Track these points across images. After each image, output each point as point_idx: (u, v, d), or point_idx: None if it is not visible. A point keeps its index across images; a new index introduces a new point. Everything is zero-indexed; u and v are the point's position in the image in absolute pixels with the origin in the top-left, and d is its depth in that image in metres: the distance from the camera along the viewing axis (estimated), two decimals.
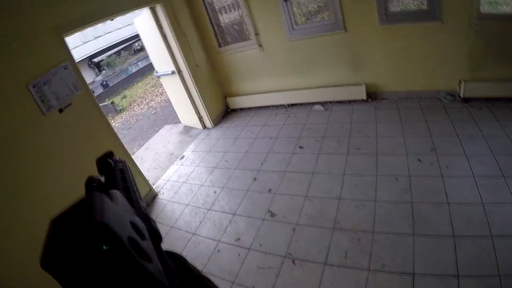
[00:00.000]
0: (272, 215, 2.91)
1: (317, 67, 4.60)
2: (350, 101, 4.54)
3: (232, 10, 4.95)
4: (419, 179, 2.82)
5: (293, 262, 2.47)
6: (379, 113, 4.06)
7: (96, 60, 22.77)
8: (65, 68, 3.11)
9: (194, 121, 5.57)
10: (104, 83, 20.52)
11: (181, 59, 4.84)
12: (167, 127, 6.71)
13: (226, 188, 3.61)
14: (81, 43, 20.51)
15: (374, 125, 3.82)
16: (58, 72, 3.03)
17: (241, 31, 5.00)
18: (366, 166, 3.15)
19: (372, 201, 2.72)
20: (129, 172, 0.64)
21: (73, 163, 3.12)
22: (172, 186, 4.17)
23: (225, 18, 5.13)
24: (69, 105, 3.12)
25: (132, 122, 10.08)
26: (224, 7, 4.99)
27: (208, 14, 5.07)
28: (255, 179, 3.56)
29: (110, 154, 0.68)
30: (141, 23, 5.09)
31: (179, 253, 0.58)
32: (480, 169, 2.73)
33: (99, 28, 21.05)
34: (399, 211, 2.56)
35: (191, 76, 4.93)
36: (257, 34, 4.76)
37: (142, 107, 11.44)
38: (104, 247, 0.32)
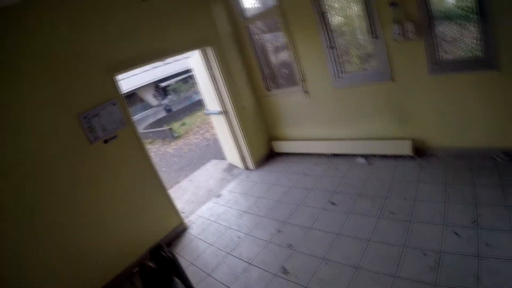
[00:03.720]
0: (285, 272, 3.02)
1: (362, 118, 4.64)
2: (395, 156, 4.45)
3: (283, 52, 5.23)
4: (451, 257, 2.59)
5: None
6: (424, 172, 3.91)
7: (163, 84, 24.63)
8: (114, 104, 3.67)
9: (237, 161, 5.91)
10: (168, 108, 22.09)
11: (228, 101, 5.24)
12: (213, 162, 7.12)
13: (250, 235, 3.81)
14: (151, 68, 22.47)
15: (415, 186, 3.68)
16: (107, 107, 3.60)
17: (291, 75, 5.25)
18: (395, 234, 3.05)
19: (391, 277, 2.62)
20: (180, 264, 2.18)
21: (111, 188, 3.69)
22: (203, 223, 4.48)
23: (276, 60, 5.44)
24: (114, 137, 3.63)
25: (185, 150, 10.76)
26: (276, 48, 5.32)
27: (258, 57, 5.47)
28: (279, 231, 3.71)
29: (160, 247, 2.06)
30: (193, 62, 5.61)
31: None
32: None
33: None
34: None
35: (237, 117, 5.31)
36: (303, 80, 4.98)
37: (197, 136, 12.15)
38: None
